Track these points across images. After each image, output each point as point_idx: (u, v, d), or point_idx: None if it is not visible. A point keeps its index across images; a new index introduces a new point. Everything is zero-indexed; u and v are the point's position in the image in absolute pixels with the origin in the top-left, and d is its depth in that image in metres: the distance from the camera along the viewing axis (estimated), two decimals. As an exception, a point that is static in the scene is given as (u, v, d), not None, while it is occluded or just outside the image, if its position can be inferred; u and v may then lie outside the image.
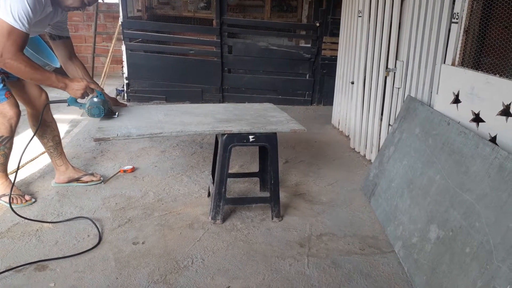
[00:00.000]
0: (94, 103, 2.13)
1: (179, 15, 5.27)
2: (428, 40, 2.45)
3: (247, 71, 5.08)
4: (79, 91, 2.10)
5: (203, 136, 3.69)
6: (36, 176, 2.73)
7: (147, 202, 2.45)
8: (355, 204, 2.53)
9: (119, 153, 3.22)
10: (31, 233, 2.07)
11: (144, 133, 1.97)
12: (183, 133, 2.01)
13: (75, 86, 2.09)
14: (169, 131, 1.99)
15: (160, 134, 1.98)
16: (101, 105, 2.14)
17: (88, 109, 2.13)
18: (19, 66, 1.95)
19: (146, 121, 2.16)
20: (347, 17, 3.87)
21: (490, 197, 1.50)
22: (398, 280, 1.82)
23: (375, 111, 3.20)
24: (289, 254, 1.99)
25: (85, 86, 2.10)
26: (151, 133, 1.97)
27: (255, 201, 2.44)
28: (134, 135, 1.95)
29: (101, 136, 1.89)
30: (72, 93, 2.12)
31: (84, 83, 2.10)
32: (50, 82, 2.05)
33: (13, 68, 1.96)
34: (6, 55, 1.91)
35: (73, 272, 1.79)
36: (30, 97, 2.37)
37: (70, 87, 2.09)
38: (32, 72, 1.99)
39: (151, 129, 2.00)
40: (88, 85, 2.11)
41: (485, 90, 1.87)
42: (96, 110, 2.13)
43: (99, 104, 2.13)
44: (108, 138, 1.90)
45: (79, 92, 2.11)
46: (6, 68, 1.97)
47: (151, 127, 2.04)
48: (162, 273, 1.81)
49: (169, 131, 1.99)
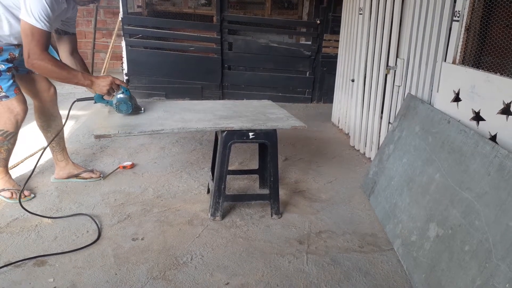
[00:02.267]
0: (122, 99, 2.12)
1: (180, 12, 5.25)
2: (429, 38, 2.44)
3: (247, 68, 5.07)
4: (105, 87, 2.10)
5: (202, 133, 3.69)
6: (36, 172, 2.73)
7: (147, 198, 2.45)
8: (355, 201, 2.53)
9: (118, 149, 3.22)
10: (30, 228, 2.07)
11: (145, 130, 1.96)
12: (184, 130, 2.01)
13: (101, 83, 2.10)
14: (170, 127, 1.99)
15: (162, 131, 1.97)
16: (129, 101, 2.13)
17: (116, 105, 2.12)
18: (46, 66, 1.97)
19: (146, 117, 2.15)
20: (348, 14, 3.86)
21: (490, 195, 1.50)
22: (397, 278, 1.82)
23: (375, 109, 3.20)
24: (288, 251, 1.99)
25: (110, 82, 2.10)
26: (153, 130, 1.96)
27: (255, 198, 2.44)
28: (135, 132, 1.94)
29: (101, 133, 1.89)
30: (98, 90, 2.12)
31: (110, 79, 2.11)
32: (76, 80, 2.06)
33: (40, 68, 1.98)
34: (32, 56, 1.93)
35: (72, 268, 1.79)
36: (38, 90, 2.37)
37: (96, 84, 2.10)
38: (59, 72, 2.01)
39: (152, 126, 1.99)
40: (113, 81, 2.12)
41: (486, 88, 1.86)
42: (124, 106, 2.13)
43: (127, 100, 2.13)
44: (109, 135, 1.89)
45: (105, 89, 2.11)
46: (34, 68, 2.00)
47: (152, 124, 2.04)
48: (161, 269, 1.81)
49: (170, 127, 1.99)
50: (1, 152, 2.27)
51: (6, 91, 2.12)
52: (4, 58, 2.10)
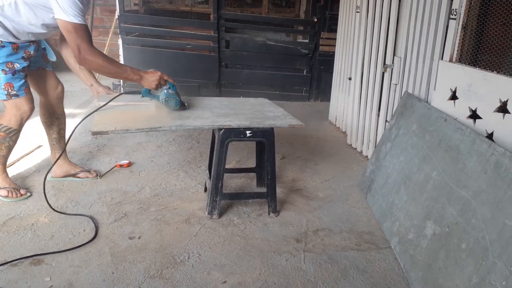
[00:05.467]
0: (171, 94, 2.15)
1: (176, 9, 5.23)
2: (426, 36, 2.44)
3: (245, 66, 5.06)
4: (154, 82, 2.13)
5: (199, 131, 3.68)
6: (32, 170, 2.72)
7: (144, 197, 2.45)
8: (352, 200, 2.54)
9: (115, 148, 3.20)
10: (27, 227, 2.06)
11: (143, 127, 1.94)
12: (183, 127, 1.99)
13: (150, 78, 2.12)
14: (168, 125, 1.98)
15: (160, 128, 1.96)
16: (177, 97, 2.16)
17: (165, 100, 2.15)
18: (98, 62, 1.98)
19: (143, 114, 2.14)
20: (345, 12, 3.86)
21: (487, 193, 1.51)
22: (394, 275, 1.83)
23: (372, 107, 3.20)
24: (285, 250, 1.99)
25: (159, 78, 2.13)
26: (150, 127, 1.95)
27: (252, 196, 2.44)
28: (133, 129, 1.93)
29: (99, 129, 1.88)
30: (147, 85, 2.14)
31: (159, 74, 2.13)
32: (126, 75, 2.08)
33: (92, 63, 1.99)
34: (83, 52, 1.94)
35: (69, 267, 1.78)
36: (47, 88, 2.38)
37: (145, 79, 2.12)
38: (110, 67, 2.03)
39: (150, 123, 1.98)
40: (162, 76, 2.13)
41: (483, 86, 1.87)
42: (173, 101, 2.15)
43: (175, 96, 2.15)
44: (106, 132, 1.88)
45: (154, 84, 2.13)
46: (85, 64, 2.01)
47: (149, 121, 2.03)
48: (159, 268, 1.80)
49: (168, 125, 1.98)
50: (2, 149, 2.26)
51: (17, 90, 2.13)
52: (20, 56, 2.10)
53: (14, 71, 2.09)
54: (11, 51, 2.05)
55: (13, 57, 2.07)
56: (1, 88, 2.09)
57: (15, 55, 2.08)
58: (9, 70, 2.07)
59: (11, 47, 2.05)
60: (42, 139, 3.20)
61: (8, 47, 2.04)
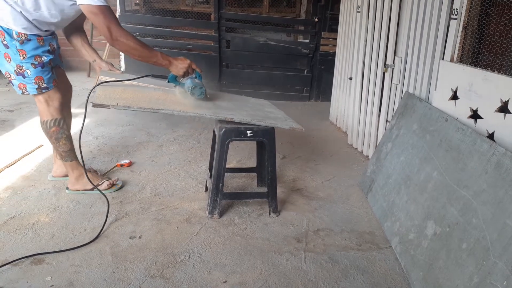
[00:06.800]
0: (197, 84, 2.18)
1: (177, 9, 5.23)
2: (426, 36, 2.44)
3: (245, 66, 5.06)
4: (182, 69, 2.14)
5: (200, 131, 3.68)
6: (33, 170, 2.72)
7: (144, 196, 2.45)
8: (352, 200, 2.54)
9: (116, 147, 3.21)
10: (28, 227, 2.06)
11: (145, 107, 1.92)
12: (184, 113, 1.97)
13: (180, 65, 2.14)
14: (171, 108, 1.96)
15: (162, 110, 1.94)
16: (203, 86, 2.18)
17: (191, 88, 2.16)
18: (129, 43, 1.99)
19: (147, 96, 2.13)
20: (345, 12, 3.86)
21: (487, 193, 1.50)
22: (394, 275, 1.82)
23: (373, 107, 3.20)
24: (286, 249, 1.99)
25: (188, 65, 2.15)
26: (152, 108, 1.93)
27: (253, 196, 2.44)
28: (135, 107, 1.90)
29: (101, 102, 1.85)
30: (175, 71, 2.16)
31: (188, 62, 2.15)
32: (156, 59, 2.09)
33: (124, 45, 2.00)
34: (115, 33, 1.95)
35: (70, 266, 1.79)
36: (62, 87, 2.38)
37: (174, 65, 2.13)
38: (141, 50, 2.03)
39: (152, 105, 1.96)
40: (191, 64, 2.15)
41: (483, 86, 1.87)
42: (199, 90, 2.18)
43: (202, 86, 2.17)
44: (107, 106, 1.86)
45: (182, 71, 2.15)
46: (117, 46, 2.00)
47: (151, 102, 2.00)
48: (159, 268, 1.80)
49: (171, 108, 1.96)
50: (64, 143, 2.27)
51: (47, 83, 2.14)
52: (46, 49, 2.11)
53: (43, 64, 2.10)
54: (37, 44, 2.06)
55: (40, 50, 2.08)
56: (31, 82, 2.10)
57: (42, 48, 2.09)
58: (38, 64, 2.08)
59: (37, 40, 2.05)
60: (43, 138, 3.21)
61: (34, 40, 2.04)
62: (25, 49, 2.02)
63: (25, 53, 2.03)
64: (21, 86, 2.11)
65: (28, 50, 2.03)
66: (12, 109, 4.08)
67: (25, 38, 2.01)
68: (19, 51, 2.02)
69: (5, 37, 1.98)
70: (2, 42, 2.00)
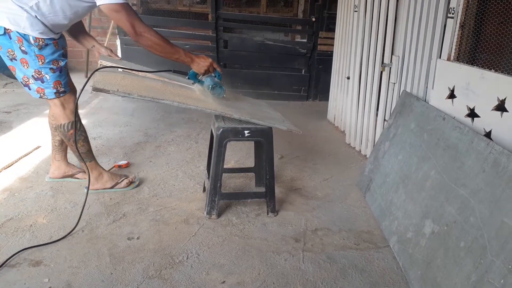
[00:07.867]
0: (218, 83, 2.20)
1: (174, 9, 5.22)
2: (424, 35, 2.45)
3: (243, 66, 5.06)
4: (204, 68, 2.16)
5: (198, 131, 3.68)
6: (30, 172, 2.71)
7: (142, 197, 2.44)
8: (350, 199, 2.54)
9: (113, 148, 3.20)
10: (25, 229, 2.05)
11: (145, 96, 1.91)
12: (184, 105, 1.96)
13: (202, 62, 2.15)
14: (171, 99, 1.95)
15: (162, 100, 1.93)
16: (223, 86, 2.20)
17: (212, 87, 2.18)
18: (154, 39, 2.00)
19: (147, 85, 2.12)
20: (343, 12, 3.86)
21: (485, 192, 1.51)
22: (392, 274, 1.83)
23: (370, 106, 3.20)
24: (284, 249, 1.99)
25: (210, 64, 2.16)
26: (153, 97, 1.92)
27: (251, 196, 2.44)
28: (135, 95, 1.89)
29: (100, 87, 1.83)
30: (197, 69, 2.17)
31: (210, 61, 2.16)
32: (178, 56, 2.09)
33: (148, 41, 2.00)
34: (138, 29, 1.96)
35: (68, 267, 1.78)
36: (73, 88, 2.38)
37: (196, 62, 2.14)
38: (164, 45, 2.04)
39: (152, 94, 1.95)
40: (212, 63, 2.17)
41: (480, 85, 1.87)
42: (219, 89, 2.20)
43: (222, 85, 2.20)
44: (107, 91, 1.84)
45: (203, 69, 2.16)
46: (142, 41, 2.00)
47: (151, 92, 1.99)
48: (157, 268, 1.80)
49: (171, 99, 1.95)
50: (83, 145, 2.28)
51: (65, 87, 2.16)
52: (61, 53, 2.12)
53: (60, 69, 2.11)
54: (54, 48, 2.06)
55: (56, 54, 2.08)
56: (50, 87, 2.10)
57: (58, 52, 2.09)
58: (56, 68, 2.09)
59: (53, 44, 2.05)
60: (40, 140, 3.20)
61: (51, 44, 2.04)
62: (43, 54, 2.03)
63: (43, 58, 2.03)
64: (39, 90, 2.11)
65: (46, 55, 2.03)
66: (10, 110, 4.07)
67: (43, 43, 2.01)
68: (38, 57, 2.02)
69: (23, 43, 1.98)
70: (20, 48, 1.99)
